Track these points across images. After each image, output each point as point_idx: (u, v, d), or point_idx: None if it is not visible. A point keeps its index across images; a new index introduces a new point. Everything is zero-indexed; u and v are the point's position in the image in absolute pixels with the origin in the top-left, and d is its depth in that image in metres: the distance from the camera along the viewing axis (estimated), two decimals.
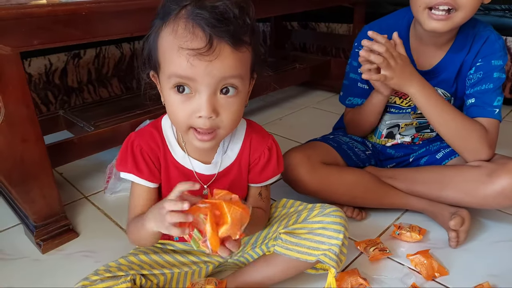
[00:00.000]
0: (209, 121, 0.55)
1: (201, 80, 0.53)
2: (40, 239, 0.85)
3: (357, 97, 0.98)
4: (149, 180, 0.65)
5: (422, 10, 0.79)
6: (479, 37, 0.86)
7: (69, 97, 1.58)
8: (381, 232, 0.90)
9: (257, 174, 0.70)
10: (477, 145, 0.83)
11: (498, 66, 0.85)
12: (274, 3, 1.27)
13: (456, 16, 0.77)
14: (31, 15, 0.72)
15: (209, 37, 0.52)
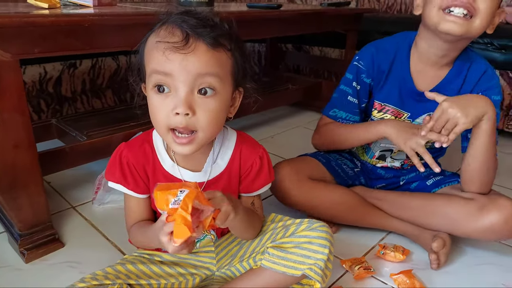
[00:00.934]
0: (185, 119, 0.56)
1: (177, 75, 0.55)
2: (24, 248, 0.84)
3: (342, 110, 0.97)
4: (134, 191, 0.68)
5: (437, 11, 0.78)
6: (475, 67, 0.87)
7: (62, 106, 1.58)
8: (366, 251, 0.91)
9: (250, 183, 0.72)
10: (491, 178, 0.85)
11: (498, 101, 0.85)
12: (271, 25, 1.31)
13: (473, 22, 0.76)
14: (34, 24, 0.74)
15: (185, 34, 0.56)
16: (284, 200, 0.91)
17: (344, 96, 0.96)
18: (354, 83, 0.94)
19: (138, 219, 0.71)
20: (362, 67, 0.93)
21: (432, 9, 0.79)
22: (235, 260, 0.74)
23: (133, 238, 0.71)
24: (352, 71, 0.94)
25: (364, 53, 0.94)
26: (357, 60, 0.94)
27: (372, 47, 0.93)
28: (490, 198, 0.83)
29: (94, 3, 1.07)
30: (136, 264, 0.68)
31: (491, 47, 1.52)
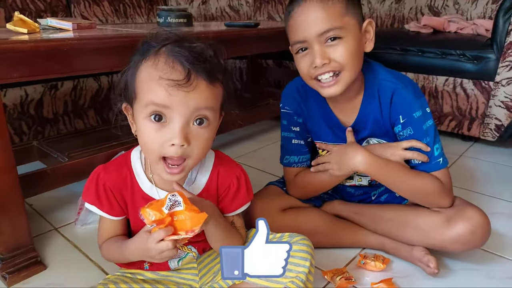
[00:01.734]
0: (181, 149, 0.59)
1: (176, 109, 0.57)
2: (6, 272, 0.83)
3: (293, 155, 0.97)
4: (108, 213, 0.70)
5: (310, 81, 0.82)
6: (384, 88, 0.85)
7: (44, 128, 1.57)
8: (348, 262, 0.93)
9: (228, 204, 0.74)
10: (437, 199, 0.86)
11: (421, 117, 0.84)
12: (249, 43, 1.35)
13: (344, 75, 0.79)
14: (14, 50, 0.76)
15: (187, 71, 0.57)
16: None
17: (289, 142, 0.97)
18: (292, 127, 0.96)
19: (111, 236, 0.73)
20: (289, 111, 0.95)
21: (306, 80, 0.83)
22: (217, 276, 0.75)
23: (106, 252, 0.73)
24: (285, 117, 0.97)
25: (285, 98, 0.96)
26: (282, 106, 0.96)
27: (291, 89, 0.95)
28: (457, 209, 0.84)
29: (74, 27, 1.09)
30: (118, 284, 0.69)
31: (464, 58, 1.58)
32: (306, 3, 0.77)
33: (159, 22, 1.35)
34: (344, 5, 0.78)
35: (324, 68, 0.78)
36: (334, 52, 0.77)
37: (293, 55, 0.85)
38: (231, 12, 2.44)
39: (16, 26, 0.95)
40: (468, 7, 1.95)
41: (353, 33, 0.78)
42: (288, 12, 0.82)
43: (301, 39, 0.79)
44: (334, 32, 0.76)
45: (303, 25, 0.78)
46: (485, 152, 1.62)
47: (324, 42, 0.77)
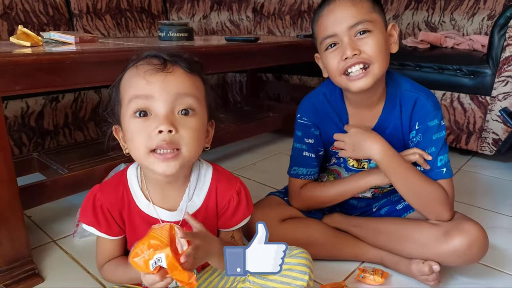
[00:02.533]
0: (169, 135, 0.57)
1: (158, 95, 0.58)
2: (3, 284, 0.83)
3: (302, 167, 0.98)
4: (107, 233, 0.69)
5: (339, 77, 0.84)
6: (406, 97, 0.89)
7: (44, 140, 1.58)
8: (347, 275, 0.93)
9: (228, 219, 0.73)
10: (439, 209, 0.86)
11: (435, 126, 0.87)
12: (249, 57, 1.37)
13: (373, 68, 0.81)
14: (17, 63, 0.77)
15: (163, 60, 0.61)
16: None
17: (300, 153, 0.98)
18: (306, 139, 0.96)
19: (110, 257, 0.72)
20: (307, 122, 0.95)
21: (335, 77, 0.85)
22: None
23: (108, 275, 0.71)
24: (300, 128, 0.97)
25: (304, 109, 0.96)
26: (300, 117, 0.96)
27: (309, 102, 0.96)
28: (455, 223, 0.85)
29: (76, 40, 1.11)
30: None
31: (460, 73, 1.60)
32: (335, 2, 0.82)
33: (161, 36, 1.37)
34: (371, 4, 0.82)
35: (354, 59, 0.80)
36: (364, 44, 0.80)
37: (321, 54, 0.87)
38: (231, 26, 2.48)
39: (19, 39, 0.97)
40: (464, 23, 1.98)
41: (380, 29, 0.82)
42: (317, 14, 0.86)
43: (331, 33, 0.81)
44: (363, 25, 0.79)
45: (333, 21, 0.81)
46: (483, 166, 1.63)
47: (353, 36, 0.80)
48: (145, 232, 0.65)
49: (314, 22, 0.88)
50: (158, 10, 2.28)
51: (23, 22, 1.69)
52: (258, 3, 2.48)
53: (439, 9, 2.05)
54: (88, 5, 1.93)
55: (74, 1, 1.89)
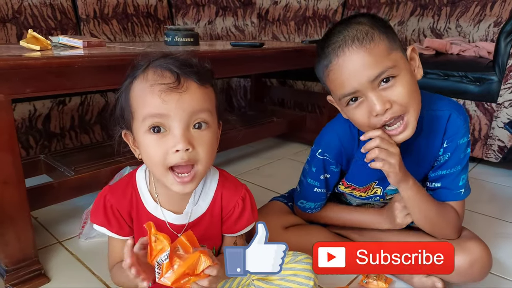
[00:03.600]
0: (186, 154, 0.59)
1: (173, 115, 0.58)
2: (10, 284, 0.84)
3: (310, 201, 0.95)
4: (118, 234, 0.70)
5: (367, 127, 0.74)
6: (437, 118, 0.82)
7: (50, 142, 1.60)
8: (350, 280, 0.93)
9: (232, 225, 0.73)
10: (449, 232, 0.85)
11: (464, 144, 0.83)
12: (254, 62, 1.38)
13: (410, 116, 0.72)
14: (27, 66, 0.78)
15: (176, 75, 0.59)
16: None
17: (311, 189, 0.93)
18: (322, 175, 0.91)
19: (122, 258, 0.72)
20: (329, 159, 0.88)
21: (365, 128, 0.74)
22: None
23: (116, 277, 0.72)
24: (317, 165, 0.89)
25: (328, 145, 0.88)
26: (321, 153, 0.88)
27: (335, 135, 0.87)
28: (459, 240, 0.84)
29: (84, 44, 1.13)
30: None
31: (466, 80, 1.60)
32: (345, 53, 0.69)
33: (167, 41, 1.39)
34: (386, 42, 0.70)
35: (388, 115, 0.70)
36: (392, 93, 0.69)
37: (341, 107, 0.77)
38: (236, 32, 2.50)
39: (29, 43, 0.98)
40: (470, 30, 1.99)
41: (404, 68, 0.71)
42: (324, 65, 0.73)
43: (351, 91, 0.70)
44: (387, 73, 0.69)
45: (349, 76, 0.69)
46: (489, 173, 1.62)
47: (377, 87, 0.70)
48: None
49: (323, 74, 0.75)
50: (164, 15, 2.30)
51: (32, 26, 1.71)
52: (263, 9, 2.50)
53: (445, 16, 2.06)
54: (95, 10, 1.96)
55: (81, 6, 1.91)
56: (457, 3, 2.03)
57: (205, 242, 0.72)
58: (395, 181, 0.77)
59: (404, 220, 0.87)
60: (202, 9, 2.45)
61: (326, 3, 2.35)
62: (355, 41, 0.69)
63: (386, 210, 0.91)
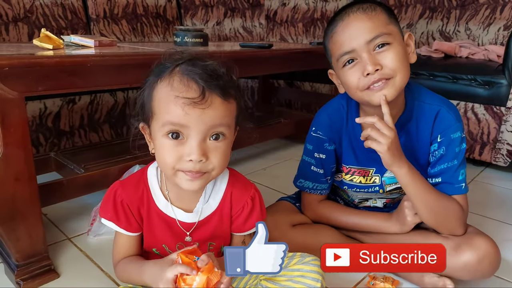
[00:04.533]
0: (199, 164, 0.60)
1: (193, 126, 0.59)
2: (20, 279, 0.85)
3: (308, 180, 0.97)
4: (126, 229, 0.70)
5: (360, 92, 0.80)
6: (426, 110, 0.86)
7: (60, 140, 1.62)
8: (357, 282, 0.92)
9: (241, 224, 0.74)
10: (454, 225, 0.85)
11: (457, 139, 0.85)
12: (263, 64, 1.38)
13: (395, 80, 0.78)
14: (41, 64, 0.79)
15: (202, 89, 0.59)
16: None
17: (308, 167, 0.96)
18: (316, 154, 0.94)
19: (127, 254, 0.73)
20: (322, 136, 0.93)
21: (355, 93, 0.82)
22: None
23: (122, 273, 0.72)
24: (312, 142, 0.95)
25: (320, 122, 0.94)
26: (315, 131, 0.94)
27: (326, 114, 0.94)
28: (466, 237, 0.84)
29: (95, 44, 1.14)
30: None
31: (475, 83, 1.60)
32: (350, 17, 0.79)
33: (176, 41, 1.40)
34: (386, 15, 0.80)
35: (377, 75, 0.77)
36: (385, 58, 0.77)
37: (338, 71, 0.84)
38: (244, 33, 2.51)
39: (42, 42, 1.00)
40: (479, 33, 1.98)
41: (399, 41, 0.80)
42: (330, 30, 0.83)
43: (349, 49, 0.79)
44: (382, 38, 0.77)
45: (350, 36, 0.79)
46: (497, 177, 1.61)
47: (372, 50, 0.78)
48: (162, 231, 0.68)
49: (327, 38, 0.85)
50: (173, 16, 2.32)
51: (43, 26, 1.74)
52: (271, 10, 2.51)
53: (454, 19, 2.05)
54: (105, 10, 1.98)
55: (92, 6, 1.93)
56: (467, 6, 2.02)
57: (214, 240, 0.73)
58: (386, 164, 0.81)
59: (414, 219, 0.88)
60: (211, 10, 2.46)
61: (335, 4, 2.35)
62: (360, 9, 0.80)
63: (395, 214, 0.92)
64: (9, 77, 0.76)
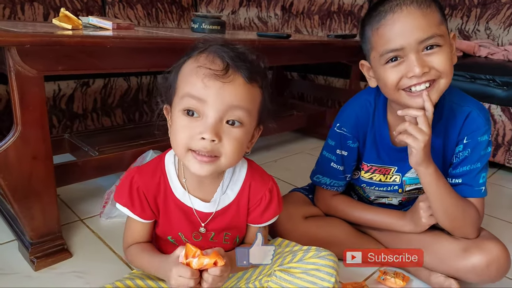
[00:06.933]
0: (211, 144, 0.58)
1: (211, 102, 0.57)
2: (34, 256, 0.86)
3: (326, 177, 0.96)
4: (140, 216, 0.69)
5: (397, 92, 0.77)
6: (457, 111, 0.84)
7: (72, 123, 1.62)
8: (367, 276, 0.92)
9: (259, 216, 0.73)
10: (469, 230, 0.84)
11: (484, 142, 0.83)
12: (280, 54, 1.37)
13: (441, 82, 0.75)
14: (62, 43, 0.79)
15: (226, 64, 0.58)
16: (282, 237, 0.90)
17: (327, 163, 0.94)
18: (338, 151, 0.92)
19: (138, 240, 0.73)
20: (346, 133, 0.90)
21: (390, 91, 0.78)
22: (241, 281, 0.76)
23: (133, 258, 0.71)
24: (335, 138, 0.92)
25: (345, 119, 0.91)
26: (339, 127, 0.91)
27: (352, 111, 0.91)
28: (477, 240, 0.83)
29: (113, 26, 1.13)
30: (145, 280, 0.70)
31: (493, 84, 1.57)
32: (403, 10, 0.73)
33: (193, 27, 1.39)
34: (439, 14, 0.75)
35: (423, 78, 0.73)
36: (434, 60, 0.73)
37: (377, 66, 0.79)
38: (259, 23, 2.49)
39: (61, 22, 0.99)
40: (499, 33, 1.94)
41: (448, 42, 0.76)
42: (376, 20, 0.76)
43: (397, 47, 0.73)
44: (435, 39, 0.72)
45: (400, 33, 0.73)
46: (510, 179, 1.59)
47: (421, 51, 0.73)
48: (178, 220, 0.68)
49: (370, 28, 0.78)
50: (188, 3, 2.30)
51: (58, 6, 1.73)
52: (288, 1, 2.48)
53: (474, 17, 2.01)
54: None
55: None
56: (488, 5, 1.98)
57: (229, 231, 0.73)
58: (415, 161, 0.77)
59: (428, 220, 0.86)
60: None
61: None
62: (414, 2, 0.73)
63: (409, 213, 0.91)
64: (30, 55, 0.76)
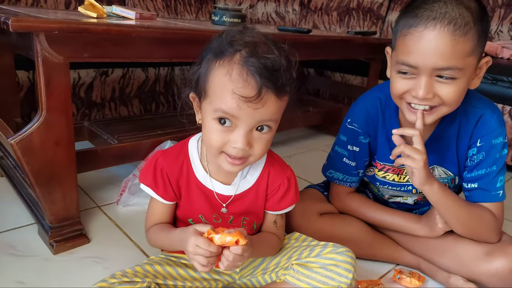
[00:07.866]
0: (242, 151, 0.62)
1: (243, 119, 0.60)
2: (53, 240, 0.87)
3: (338, 172, 0.95)
4: (163, 197, 0.71)
5: (399, 101, 0.78)
6: (470, 113, 0.83)
7: (91, 111, 1.64)
8: (382, 275, 0.92)
9: (276, 203, 0.74)
10: (488, 235, 0.83)
11: (499, 144, 0.82)
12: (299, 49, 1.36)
13: (441, 109, 0.74)
14: (88, 30, 0.80)
15: (259, 87, 0.58)
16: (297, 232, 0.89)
17: (339, 158, 0.94)
18: (350, 146, 0.92)
19: (159, 221, 0.75)
20: (357, 129, 0.90)
21: (394, 97, 0.78)
22: (257, 271, 0.76)
23: (152, 237, 0.74)
24: (346, 133, 0.92)
25: (355, 114, 0.91)
26: (350, 122, 0.91)
27: (363, 106, 0.91)
28: (501, 244, 0.82)
29: (136, 16, 1.14)
30: (163, 266, 0.71)
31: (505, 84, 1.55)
32: (435, 29, 0.68)
33: (214, 20, 1.39)
34: (474, 44, 0.69)
35: (424, 102, 0.73)
36: (442, 89, 0.71)
37: (391, 68, 0.79)
38: (277, 18, 2.47)
39: (87, 10, 1.00)
40: None
41: (468, 74, 0.72)
42: (408, 23, 0.72)
43: (411, 64, 0.71)
44: (451, 72, 0.70)
45: (422, 52, 0.69)
46: None
47: (434, 75, 0.71)
48: (200, 202, 0.70)
49: (402, 29, 0.73)
50: None
51: None
52: None
53: (498, 18, 1.97)
54: None
55: None
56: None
57: (247, 216, 0.74)
58: (419, 182, 0.77)
59: (444, 227, 0.85)
60: None
61: None
62: (451, 25, 0.67)
63: (425, 217, 0.90)
64: (57, 41, 0.77)
